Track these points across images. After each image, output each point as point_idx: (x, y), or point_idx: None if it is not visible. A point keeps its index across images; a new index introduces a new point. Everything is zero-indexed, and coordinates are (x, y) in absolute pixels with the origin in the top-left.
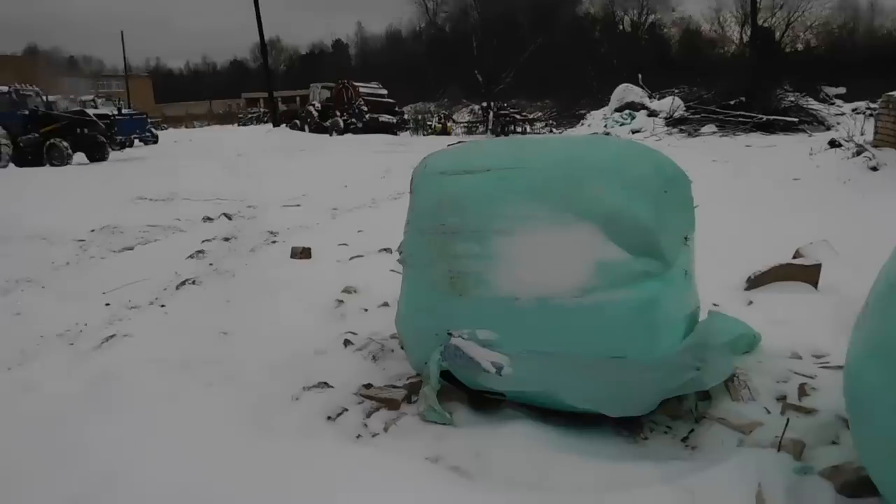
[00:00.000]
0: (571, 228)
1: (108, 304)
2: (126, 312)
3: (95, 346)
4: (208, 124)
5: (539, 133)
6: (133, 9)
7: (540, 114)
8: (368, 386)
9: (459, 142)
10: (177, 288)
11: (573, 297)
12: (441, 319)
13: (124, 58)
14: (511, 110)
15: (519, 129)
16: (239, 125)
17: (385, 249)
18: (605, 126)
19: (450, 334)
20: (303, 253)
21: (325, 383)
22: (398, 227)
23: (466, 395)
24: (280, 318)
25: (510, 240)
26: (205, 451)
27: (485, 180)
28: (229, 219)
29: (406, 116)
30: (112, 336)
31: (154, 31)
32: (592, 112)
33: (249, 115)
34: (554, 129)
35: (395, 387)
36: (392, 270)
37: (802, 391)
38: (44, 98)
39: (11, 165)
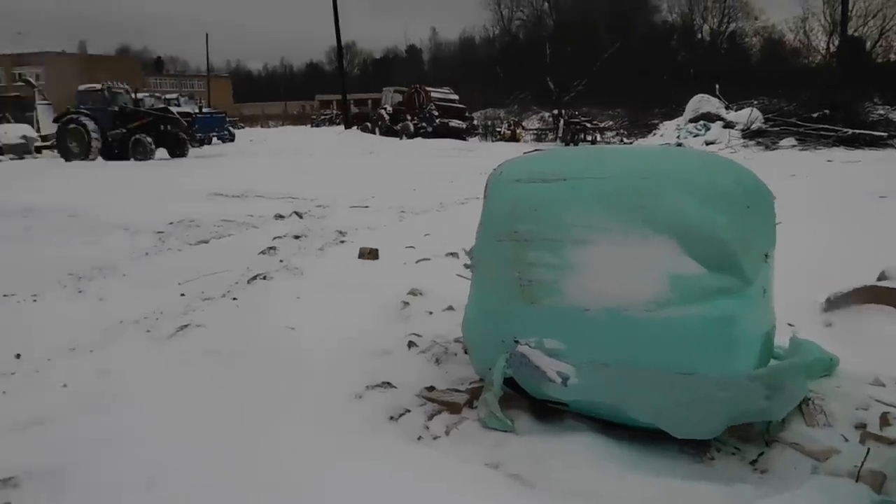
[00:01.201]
0: (647, 241)
1: (182, 295)
2: (199, 303)
3: (170, 334)
4: (282, 124)
5: (609, 142)
6: (217, 12)
7: (611, 123)
8: (431, 388)
9: (535, 150)
10: (248, 282)
11: (645, 311)
12: (508, 326)
13: (207, 59)
14: (582, 119)
15: (589, 138)
16: (312, 126)
17: (451, 254)
18: (678, 137)
19: (516, 342)
20: (370, 254)
21: (389, 383)
22: (465, 231)
23: (528, 403)
24: (346, 317)
25: (583, 250)
26: (269, 444)
27: (560, 189)
28: (300, 217)
29: (476, 122)
30: (186, 326)
31: (236, 34)
32: (665, 122)
33: (322, 117)
34: (625, 139)
35: (457, 391)
36: (458, 275)
37: (885, 420)
38: (132, 95)
39: (100, 158)
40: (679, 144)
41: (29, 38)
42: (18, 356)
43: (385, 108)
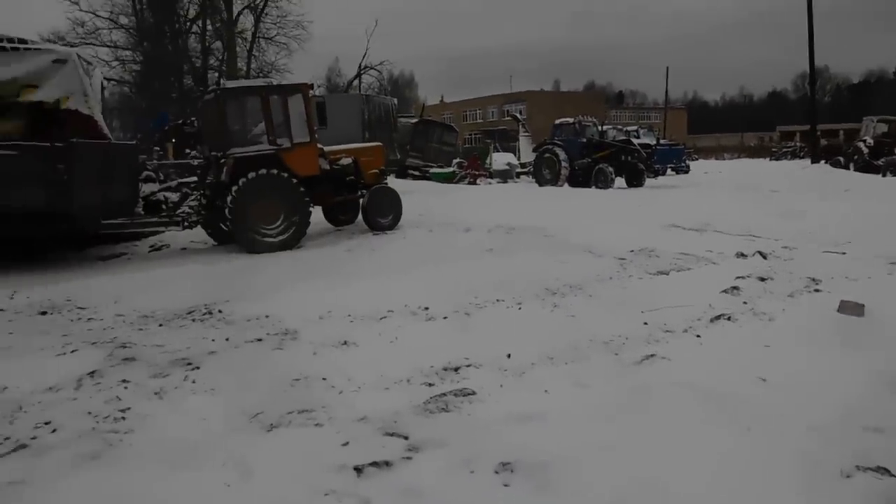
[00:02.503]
0: None
1: (645, 324)
2: (662, 335)
3: (636, 361)
4: (738, 156)
5: None
6: (677, 44)
7: None
8: None
9: None
10: (711, 321)
11: None
12: None
13: (666, 92)
14: None
15: None
16: (771, 159)
17: None
18: None
19: None
20: (854, 309)
21: (886, 469)
22: None
23: None
24: (827, 378)
25: None
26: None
27: None
28: (764, 257)
29: None
30: (651, 355)
31: (694, 66)
32: None
33: (784, 150)
34: None
35: None
36: None
37: None
38: (599, 128)
39: (566, 185)
40: None
41: (517, 80)
42: (509, 356)
43: (864, 141)
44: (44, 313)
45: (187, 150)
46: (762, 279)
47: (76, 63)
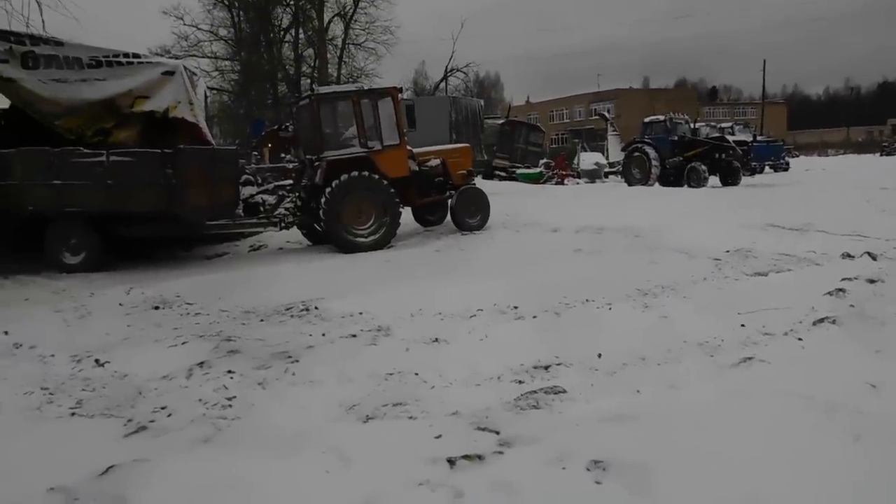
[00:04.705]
0: None
1: (742, 325)
2: (760, 337)
3: (733, 363)
4: (844, 153)
5: None
6: (777, 35)
7: None
8: None
9: None
10: (813, 324)
11: None
12: None
13: (763, 86)
14: None
15: None
16: (882, 154)
17: None
18: None
19: None
20: None
21: None
22: None
23: None
24: None
25: None
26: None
27: None
28: (873, 259)
29: None
30: (749, 358)
31: (795, 58)
32: None
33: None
34: None
35: None
36: None
37: None
38: (691, 125)
39: (657, 184)
40: None
41: (605, 78)
42: (600, 356)
43: None
44: (156, 308)
45: (282, 155)
46: (871, 281)
47: (182, 74)
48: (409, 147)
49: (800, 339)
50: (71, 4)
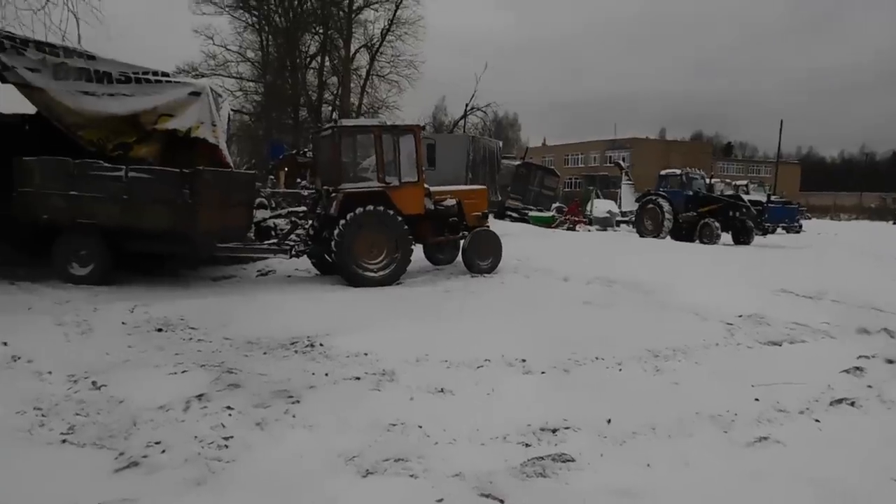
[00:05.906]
0: None
1: (756, 399)
2: (776, 415)
3: (748, 442)
4: (856, 218)
5: None
6: (793, 96)
7: None
8: None
9: None
10: (830, 403)
11: None
12: None
13: (779, 146)
14: None
15: None
16: (894, 223)
17: None
18: None
19: None
20: None
21: None
22: None
23: None
24: None
25: None
26: None
27: None
28: (891, 336)
29: None
30: (765, 438)
31: (811, 119)
32: None
33: None
34: None
35: None
36: None
37: None
38: (706, 181)
39: (668, 238)
40: None
41: (622, 127)
42: (609, 421)
43: None
44: (159, 330)
45: (298, 180)
46: (890, 361)
47: (208, 96)
48: (426, 185)
49: (817, 420)
50: (107, 19)
